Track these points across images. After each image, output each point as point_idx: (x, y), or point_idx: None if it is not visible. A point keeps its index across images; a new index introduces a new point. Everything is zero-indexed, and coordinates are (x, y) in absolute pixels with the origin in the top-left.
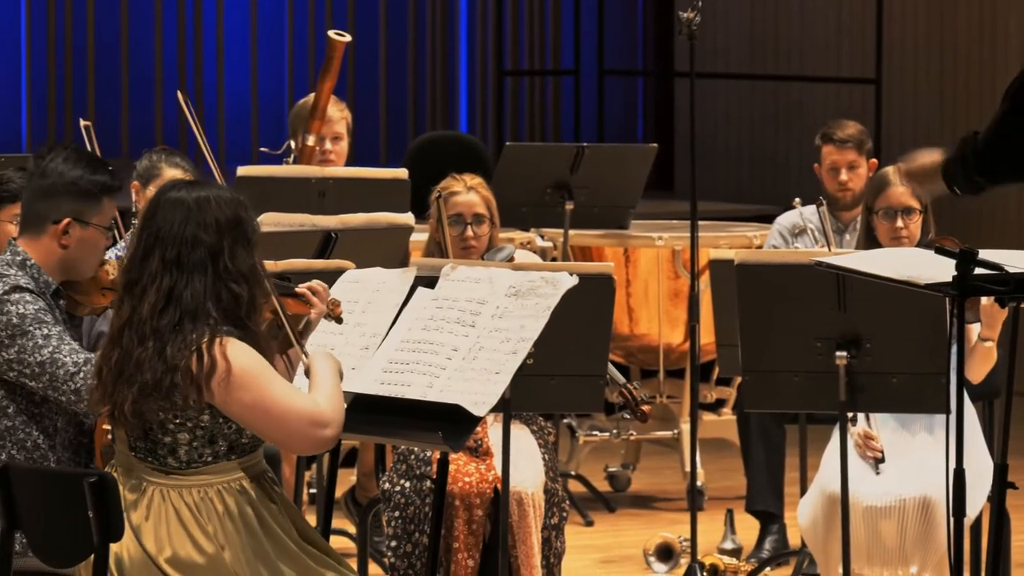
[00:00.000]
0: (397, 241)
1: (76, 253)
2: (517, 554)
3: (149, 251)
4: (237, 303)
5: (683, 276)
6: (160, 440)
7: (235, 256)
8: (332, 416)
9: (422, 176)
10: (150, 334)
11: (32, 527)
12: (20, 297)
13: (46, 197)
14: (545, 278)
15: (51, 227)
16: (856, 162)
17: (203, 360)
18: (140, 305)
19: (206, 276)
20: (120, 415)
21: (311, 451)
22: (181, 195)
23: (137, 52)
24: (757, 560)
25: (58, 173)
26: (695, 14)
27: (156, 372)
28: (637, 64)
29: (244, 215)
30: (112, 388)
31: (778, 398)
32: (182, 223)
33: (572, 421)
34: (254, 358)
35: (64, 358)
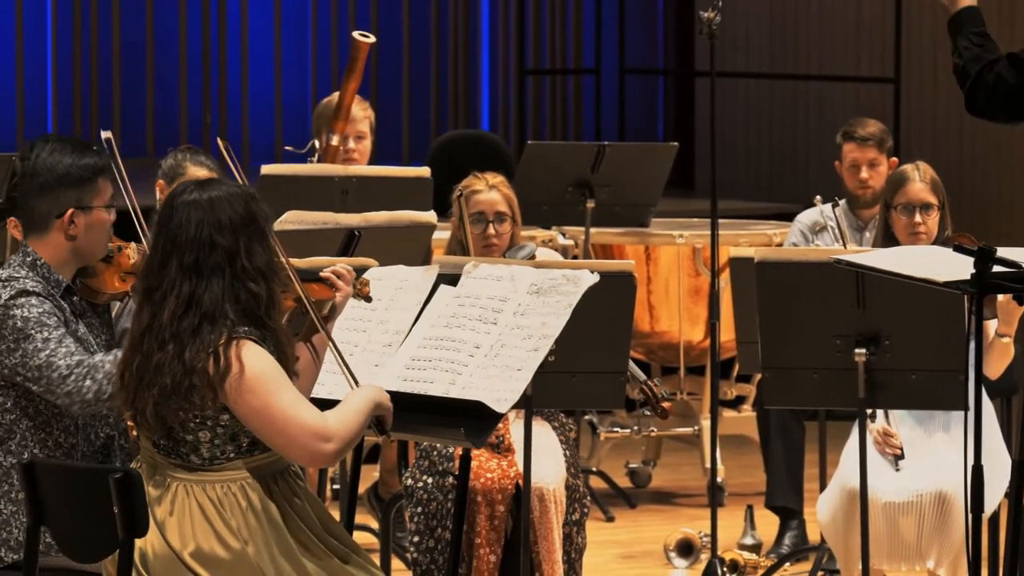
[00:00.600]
0: (420, 239)
1: (85, 240)
2: (538, 549)
3: (167, 258)
4: (256, 302)
5: (703, 274)
6: (182, 439)
7: (252, 254)
8: (337, 433)
9: (444, 174)
10: (170, 338)
11: (58, 523)
12: (25, 301)
13: (43, 194)
14: (566, 276)
15: (56, 222)
16: (877, 160)
17: (219, 361)
18: (160, 311)
19: (224, 278)
20: (142, 419)
21: (309, 463)
22: (193, 197)
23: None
24: (777, 555)
25: (48, 168)
26: (715, 13)
27: (176, 375)
28: (658, 63)
29: (256, 208)
30: (133, 394)
31: (798, 395)
32: (197, 227)
33: (593, 418)
34: (268, 364)
35: (58, 361)
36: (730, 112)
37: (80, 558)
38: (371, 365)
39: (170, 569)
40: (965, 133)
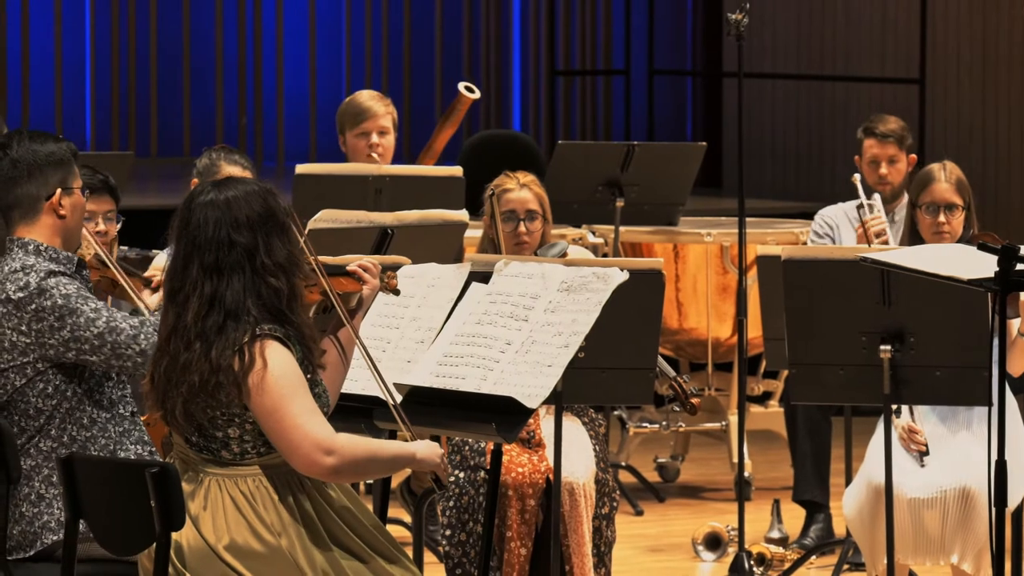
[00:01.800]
0: (452, 237)
1: (71, 220)
2: (568, 543)
3: (188, 260)
4: (278, 297)
5: (731, 271)
6: (212, 435)
7: (271, 249)
8: (341, 449)
9: (476, 174)
10: (196, 338)
11: (96, 516)
12: (57, 280)
13: (31, 178)
14: (596, 273)
15: (46, 204)
16: (896, 156)
17: (244, 358)
18: (184, 312)
19: (244, 275)
20: (172, 419)
21: (306, 472)
22: (210, 198)
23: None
24: (803, 548)
25: (32, 153)
26: (743, 15)
27: (203, 373)
28: (686, 64)
29: (273, 203)
30: (163, 394)
31: (824, 391)
32: (215, 227)
33: (622, 413)
34: (289, 368)
35: (120, 324)
36: (757, 112)
37: (117, 550)
38: (404, 361)
39: (205, 562)
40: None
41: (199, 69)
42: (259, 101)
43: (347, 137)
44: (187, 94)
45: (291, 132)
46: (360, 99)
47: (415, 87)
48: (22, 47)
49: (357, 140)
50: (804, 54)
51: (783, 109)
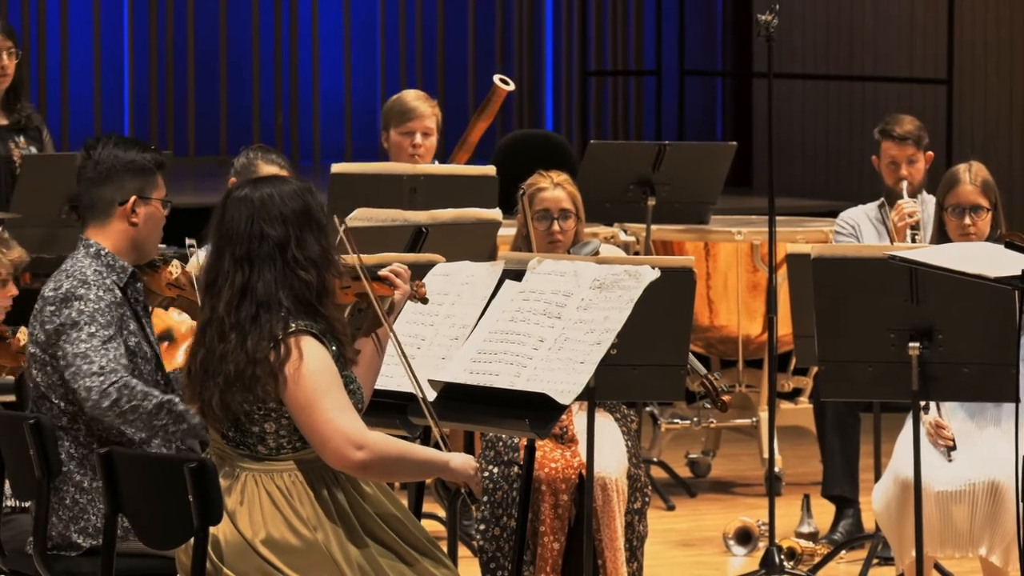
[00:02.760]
0: (485, 235)
1: (144, 229)
2: (601, 537)
3: (221, 252)
4: (308, 289)
5: (761, 269)
6: (249, 430)
7: (304, 244)
8: (372, 445)
9: (509, 173)
10: (230, 328)
11: (135, 511)
12: (84, 294)
13: (108, 182)
14: (628, 271)
15: (119, 209)
16: (914, 157)
17: (280, 351)
18: (217, 303)
19: (275, 267)
20: (209, 410)
21: (337, 466)
22: (245, 193)
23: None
24: (832, 543)
25: (114, 157)
26: (773, 16)
27: (239, 363)
28: (716, 65)
29: (311, 201)
30: (200, 386)
31: (853, 387)
32: (248, 221)
33: (654, 409)
34: (325, 363)
35: (94, 357)
36: (787, 112)
37: (156, 544)
38: (438, 358)
39: (242, 557)
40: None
41: (236, 68)
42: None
43: (391, 134)
44: (224, 93)
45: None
46: (407, 98)
47: (448, 87)
48: (61, 48)
49: (401, 138)
50: (833, 55)
51: (812, 109)
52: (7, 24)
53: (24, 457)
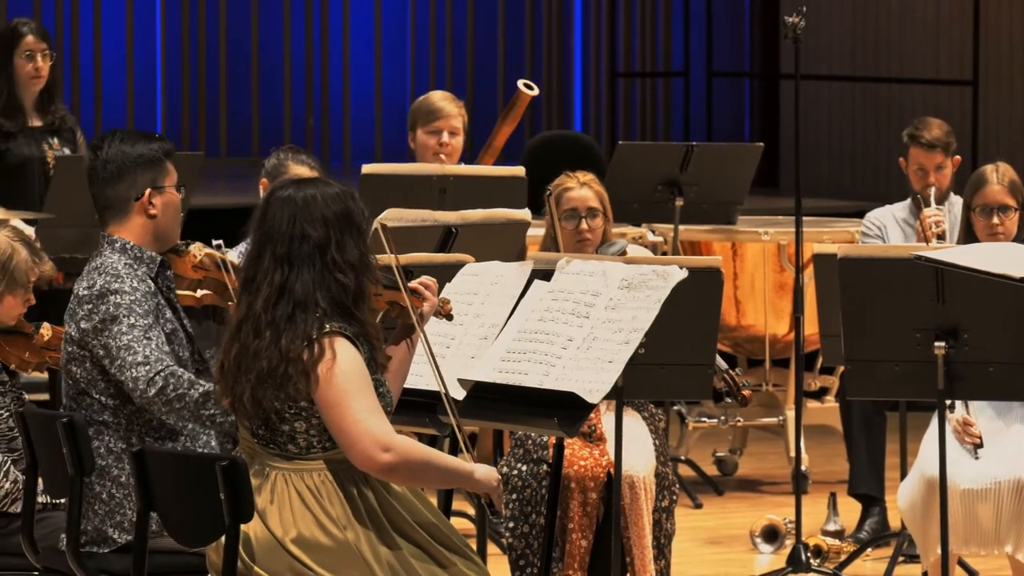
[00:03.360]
0: (514, 236)
1: (163, 219)
2: (629, 535)
3: (261, 250)
4: (345, 292)
5: (788, 269)
6: (279, 428)
7: (343, 247)
8: (398, 448)
9: (538, 173)
10: (266, 326)
11: (166, 508)
12: (119, 287)
13: (121, 179)
14: (656, 271)
15: (135, 204)
16: (942, 164)
17: (313, 350)
18: (255, 300)
19: (314, 268)
20: (240, 406)
21: (363, 466)
22: (289, 194)
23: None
24: (858, 541)
25: (123, 154)
26: (800, 18)
27: (272, 360)
28: (744, 66)
29: (353, 206)
30: (232, 381)
31: (879, 386)
32: (290, 221)
33: (682, 408)
34: (357, 365)
35: (138, 348)
36: (814, 113)
37: (187, 542)
38: (467, 357)
39: (273, 555)
40: None
41: (267, 70)
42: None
43: (418, 134)
44: (255, 95)
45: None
46: (434, 99)
47: (478, 88)
48: (94, 50)
49: (427, 138)
50: (859, 56)
51: (839, 110)
52: (41, 26)
53: (57, 455)
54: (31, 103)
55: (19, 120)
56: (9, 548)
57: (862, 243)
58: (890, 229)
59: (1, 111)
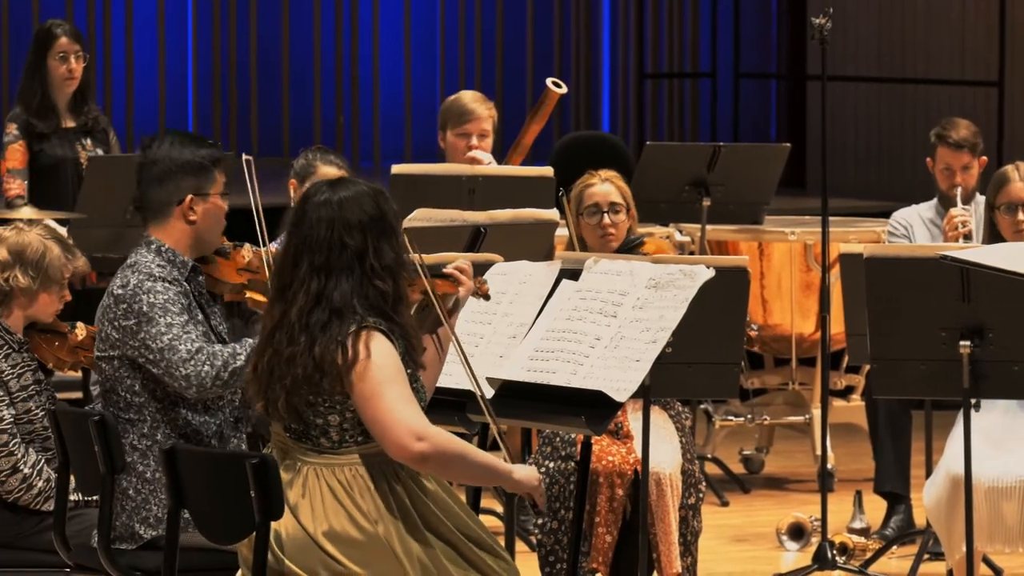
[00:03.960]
0: (543, 235)
1: (203, 226)
2: (656, 531)
3: (298, 258)
4: (383, 299)
5: (814, 269)
6: (313, 422)
7: (380, 253)
8: (433, 438)
9: (566, 174)
10: (300, 332)
11: (197, 506)
12: (152, 287)
13: (164, 183)
14: (683, 271)
15: (176, 208)
16: (969, 164)
17: (347, 353)
18: (290, 308)
19: (353, 276)
20: (274, 410)
21: (398, 456)
22: (324, 198)
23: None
24: (884, 539)
25: (170, 158)
26: (826, 20)
27: (307, 368)
28: (771, 67)
29: (385, 205)
30: (265, 386)
31: (905, 385)
32: (328, 228)
33: (708, 406)
34: (391, 358)
35: (180, 346)
36: (840, 114)
37: (218, 539)
38: (496, 356)
39: (304, 550)
40: None
41: (298, 71)
42: (356, 102)
43: (447, 134)
44: (286, 96)
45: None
46: (464, 100)
47: (507, 88)
48: (126, 50)
49: (457, 139)
50: (885, 57)
51: (865, 111)
52: (75, 28)
53: (89, 452)
54: (64, 104)
55: (52, 121)
56: (41, 545)
57: (888, 243)
58: (916, 229)
59: (35, 112)
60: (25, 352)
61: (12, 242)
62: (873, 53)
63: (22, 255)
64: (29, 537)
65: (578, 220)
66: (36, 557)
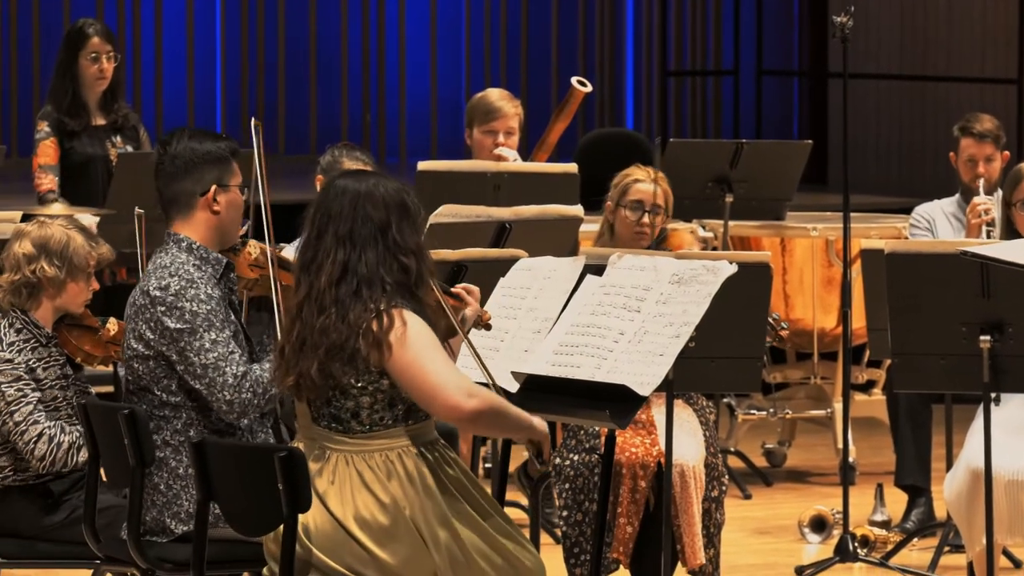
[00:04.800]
0: (567, 231)
1: (226, 216)
2: (680, 523)
3: (323, 230)
4: (407, 274)
5: (836, 264)
6: (343, 405)
7: (403, 231)
8: (480, 393)
9: (591, 170)
10: (331, 303)
11: (226, 499)
12: (195, 294)
13: (188, 175)
14: (706, 266)
15: (200, 200)
16: (993, 155)
17: (382, 320)
18: (317, 280)
19: (377, 248)
20: (306, 382)
21: (450, 417)
22: (348, 182)
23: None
24: (905, 531)
25: (190, 150)
26: (848, 18)
27: (341, 334)
28: (793, 65)
29: (408, 199)
30: (296, 359)
31: (925, 379)
32: (351, 203)
33: (731, 400)
34: (426, 328)
35: (227, 369)
36: (861, 111)
37: (247, 532)
38: (521, 351)
39: (332, 539)
40: None
41: (325, 69)
42: (382, 99)
43: (474, 132)
44: (313, 94)
45: (413, 129)
46: (491, 97)
47: (532, 85)
48: (156, 49)
49: (484, 137)
50: (906, 55)
51: (886, 108)
52: (107, 28)
53: (119, 446)
54: (95, 103)
55: (83, 119)
56: (72, 537)
57: (911, 236)
58: (939, 222)
59: (66, 111)
60: (53, 347)
61: (35, 235)
62: (894, 51)
63: (46, 246)
64: (60, 529)
65: (616, 208)
66: (67, 549)
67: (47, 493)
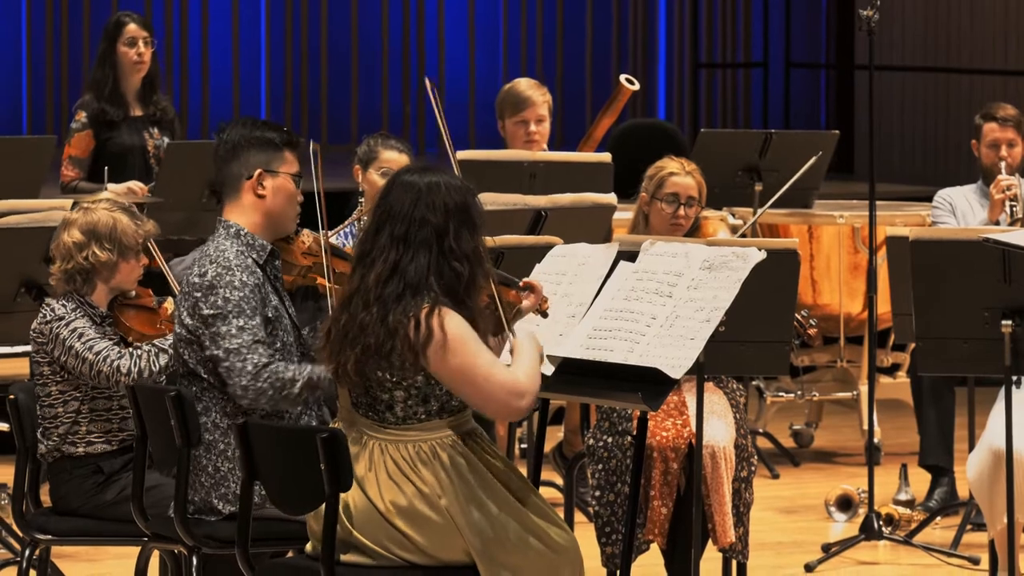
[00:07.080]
0: (601, 219)
1: (274, 202)
2: (710, 503)
3: (380, 227)
4: (458, 280)
5: (862, 251)
6: (379, 397)
7: (460, 237)
8: (528, 387)
9: (624, 160)
10: (374, 301)
11: (269, 479)
12: (230, 280)
13: (235, 158)
14: (736, 253)
15: (246, 183)
16: (1015, 140)
17: (420, 329)
18: (368, 274)
19: (430, 253)
20: (344, 373)
21: (506, 418)
22: (413, 179)
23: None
24: (928, 510)
25: (240, 135)
26: (874, 11)
27: (378, 336)
28: (820, 58)
29: (471, 202)
30: (338, 348)
31: (948, 363)
32: (412, 204)
33: (760, 383)
34: (466, 328)
35: (249, 356)
36: (887, 102)
37: (290, 510)
38: (556, 335)
39: (371, 522)
40: None
41: (366, 61)
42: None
43: (506, 123)
44: (355, 86)
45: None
46: (519, 88)
47: (566, 77)
48: (202, 42)
49: (516, 127)
50: (931, 48)
51: (911, 100)
52: (144, 17)
53: (166, 427)
54: (133, 93)
55: (122, 109)
56: (121, 515)
57: (933, 216)
58: (958, 204)
59: (107, 98)
60: (108, 326)
61: (82, 222)
62: (919, 43)
63: (95, 231)
64: (109, 507)
65: (652, 201)
66: (117, 527)
67: (98, 471)
